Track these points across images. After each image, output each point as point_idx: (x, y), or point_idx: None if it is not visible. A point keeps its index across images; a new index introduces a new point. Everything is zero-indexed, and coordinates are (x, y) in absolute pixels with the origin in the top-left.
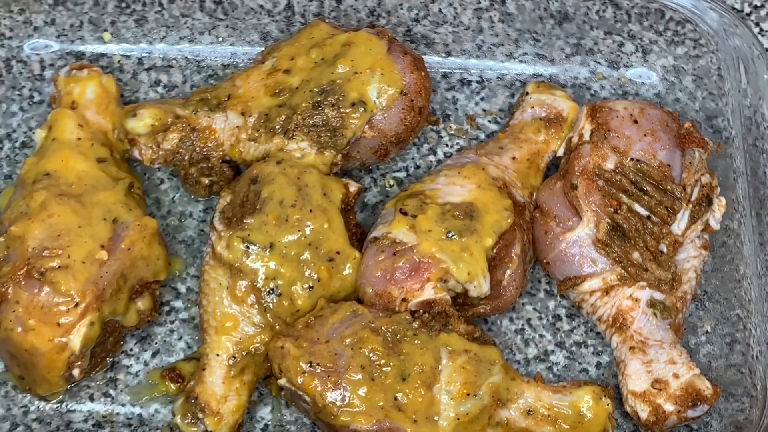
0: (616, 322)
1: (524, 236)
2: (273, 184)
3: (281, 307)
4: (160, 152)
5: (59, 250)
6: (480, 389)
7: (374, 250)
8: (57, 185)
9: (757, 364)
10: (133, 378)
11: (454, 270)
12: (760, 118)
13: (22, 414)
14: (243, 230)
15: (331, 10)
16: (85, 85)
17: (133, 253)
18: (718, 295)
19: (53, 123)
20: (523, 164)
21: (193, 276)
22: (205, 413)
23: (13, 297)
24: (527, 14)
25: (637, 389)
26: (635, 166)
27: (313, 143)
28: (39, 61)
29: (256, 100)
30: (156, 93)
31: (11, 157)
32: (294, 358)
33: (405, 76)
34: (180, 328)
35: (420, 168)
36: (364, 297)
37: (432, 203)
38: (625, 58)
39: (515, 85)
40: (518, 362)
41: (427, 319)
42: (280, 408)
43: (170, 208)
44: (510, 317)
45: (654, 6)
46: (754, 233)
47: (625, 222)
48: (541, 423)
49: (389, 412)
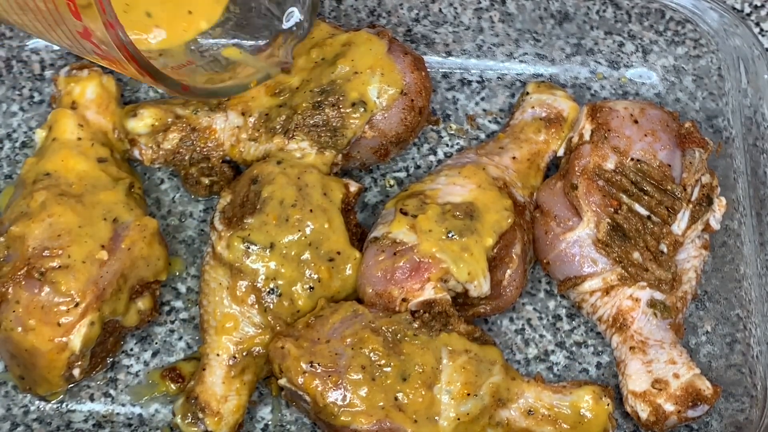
0: (617, 322)
1: (524, 236)
2: (273, 184)
3: (281, 308)
4: (160, 152)
5: (59, 250)
6: (480, 389)
7: (374, 250)
8: (57, 185)
9: (757, 364)
10: (133, 378)
11: (454, 270)
12: (761, 118)
13: (22, 414)
14: (243, 230)
15: (331, 10)
16: (86, 85)
17: (134, 253)
18: (719, 295)
19: (53, 123)
20: (524, 164)
21: (193, 276)
22: (206, 413)
23: (13, 297)
24: (527, 14)
25: (638, 389)
26: (635, 166)
27: (314, 143)
28: (39, 61)
29: (257, 100)
30: (156, 93)
31: (11, 157)
32: (294, 358)
33: (405, 76)
34: (180, 328)
35: (420, 168)
36: (364, 297)
37: (432, 203)
38: (626, 58)
39: (515, 85)
40: (518, 362)
41: (428, 319)
42: (280, 408)
43: (170, 208)
44: (510, 317)
45: (654, 6)
46: (754, 233)
47: (625, 222)
48: (541, 423)
49: (390, 412)
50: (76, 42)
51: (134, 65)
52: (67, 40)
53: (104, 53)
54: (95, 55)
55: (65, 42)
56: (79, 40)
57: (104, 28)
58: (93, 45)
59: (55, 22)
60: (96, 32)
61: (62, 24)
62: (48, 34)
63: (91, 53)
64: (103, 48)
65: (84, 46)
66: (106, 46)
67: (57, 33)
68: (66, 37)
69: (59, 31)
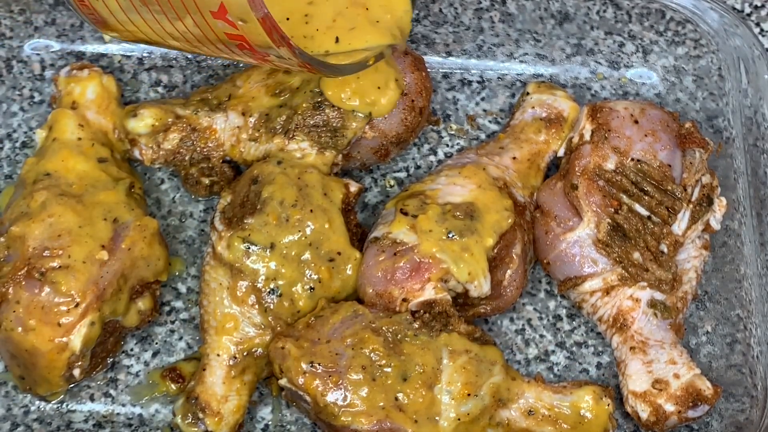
0: (617, 323)
1: (525, 236)
2: (273, 184)
3: (282, 308)
4: (160, 152)
5: (60, 250)
6: (481, 389)
7: (375, 251)
8: (57, 185)
9: (757, 364)
10: (133, 378)
11: (454, 270)
12: (761, 119)
13: (22, 414)
14: (243, 230)
15: None
16: (86, 85)
17: (134, 253)
18: (719, 296)
19: (54, 123)
20: (524, 164)
21: (193, 276)
22: (206, 413)
23: (13, 297)
24: (528, 14)
25: (638, 389)
26: (636, 166)
27: (314, 143)
28: (39, 61)
29: (257, 100)
30: (156, 93)
31: (11, 157)
32: (295, 358)
33: (406, 77)
34: (180, 328)
35: (420, 168)
36: (364, 297)
37: (432, 203)
38: (626, 59)
39: (516, 85)
40: (519, 362)
41: (428, 320)
42: (280, 408)
43: (171, 208)
44: (510, 317)
45: (654, 6)
46: (754, 233)
47: (625, 222)
48: (541, 423)
49: (390, 412)
50: (205, 25)
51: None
52: (194, 28)
53: (238, 31)
54: (225, 37)
55: (190, 30)
56: (209, 21)
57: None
58: (227, 23)
59: (183, 7)
60: (233, 8)
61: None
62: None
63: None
64: (240, 24)
65: (214, 27)
66: (244, 21)
67: (186, 21)
68: (193, 23)
69: (188, 19)
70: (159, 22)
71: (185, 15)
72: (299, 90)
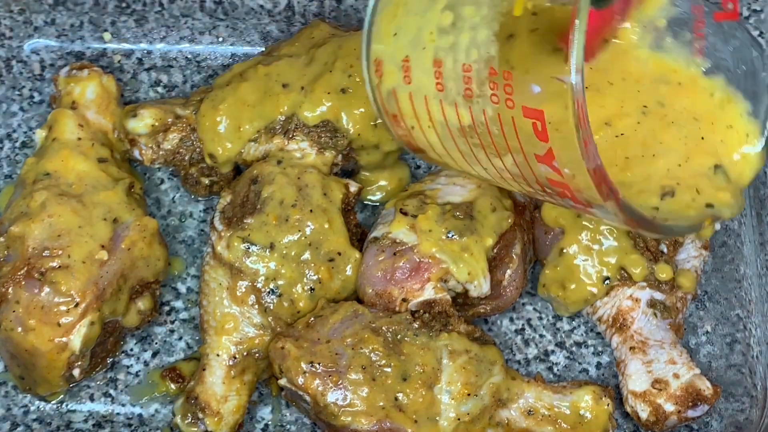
0: (617, 323)
1: (524, 236)
2: (273, 184)
3: (282, 308)
4: (160, 152)
5: (59, 250)
6: (481, 389)
7: (374, 250)
8: (57, 185)
9: (757, 364)
10: (133, 378)
11: (454, 270)
12: None
13: (22, 414)
14: (243, 230)
15: (331, 10)
16: (86, 85)
17: (134, 253)
18: (719, 295)
19: (53, 123)
20: None
21: (193, 276)
22: (206, 413)
23: (13, 297)
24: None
25: (638, 389)
26: None
27: (314, 143)
28: (39, 61)
29: None
30: (156, 93)
31: (11, 157)
32: (295, 358)
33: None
34: (180, 328)
35: (420, 168)
36: (364, 297)
37: (432, 203)
38: None
39: None
40: (518, 362)
41: (428, 320)
42: (280, 408)
43: (170, 208)
44: (510, 317)
45: None
46: (754, 233)
47: None
48: (541, 423)
49: (390, 413)
50: (525, 166)
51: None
52: (512, 166)
53: (563, 179)
54: (546, 181)
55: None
56: (531, 164)
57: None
58: (552, 169)
59: (506, 147)
60: (561, 156)
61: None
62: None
63: (540, 178)
64: (565, 172)
65: (535, 170)
66: (570, 169)
67: (505, 159)
68: (513, 162)
69: (508, 157)
70: (475, 155)
71: (506, 154)
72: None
